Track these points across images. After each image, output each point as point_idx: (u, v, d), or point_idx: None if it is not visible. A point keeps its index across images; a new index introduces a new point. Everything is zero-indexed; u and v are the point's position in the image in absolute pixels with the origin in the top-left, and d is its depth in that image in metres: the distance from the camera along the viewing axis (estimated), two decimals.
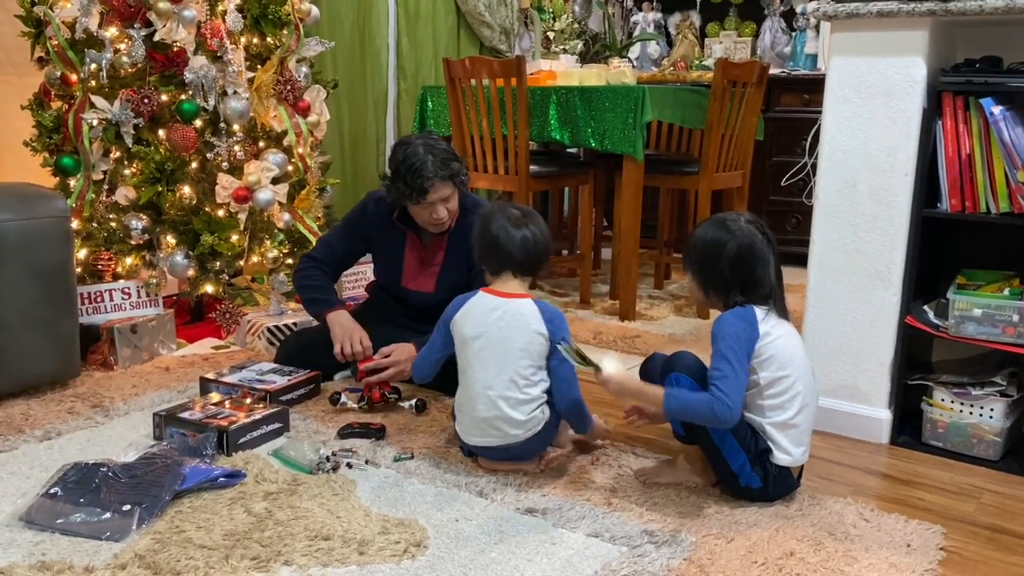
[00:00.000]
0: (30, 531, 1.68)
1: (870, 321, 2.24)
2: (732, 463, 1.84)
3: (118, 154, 2.93)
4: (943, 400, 2.18)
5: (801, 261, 2.36)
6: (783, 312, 1.87)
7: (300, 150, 3.18)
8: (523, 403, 1.91)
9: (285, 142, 3.17)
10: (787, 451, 1.84)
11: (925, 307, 2.24)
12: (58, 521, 1.69)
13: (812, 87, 4.48)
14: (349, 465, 2.00)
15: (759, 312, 1.82)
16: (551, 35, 5.19)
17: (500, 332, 1.93)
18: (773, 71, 4.58)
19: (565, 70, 3.96)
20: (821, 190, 2.28)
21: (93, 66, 2.84)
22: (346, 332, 2.40)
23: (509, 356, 1.91)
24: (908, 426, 2.27)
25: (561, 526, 1.75)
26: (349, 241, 2.59)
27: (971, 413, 2.14)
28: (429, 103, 3.90)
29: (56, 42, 2.85)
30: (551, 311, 1.96)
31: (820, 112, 2.28)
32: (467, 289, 2.10)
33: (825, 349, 2.31)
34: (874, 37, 2.14)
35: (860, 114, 2.19)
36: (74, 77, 2.89)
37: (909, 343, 2.22)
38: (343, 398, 2.35)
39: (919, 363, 2.33)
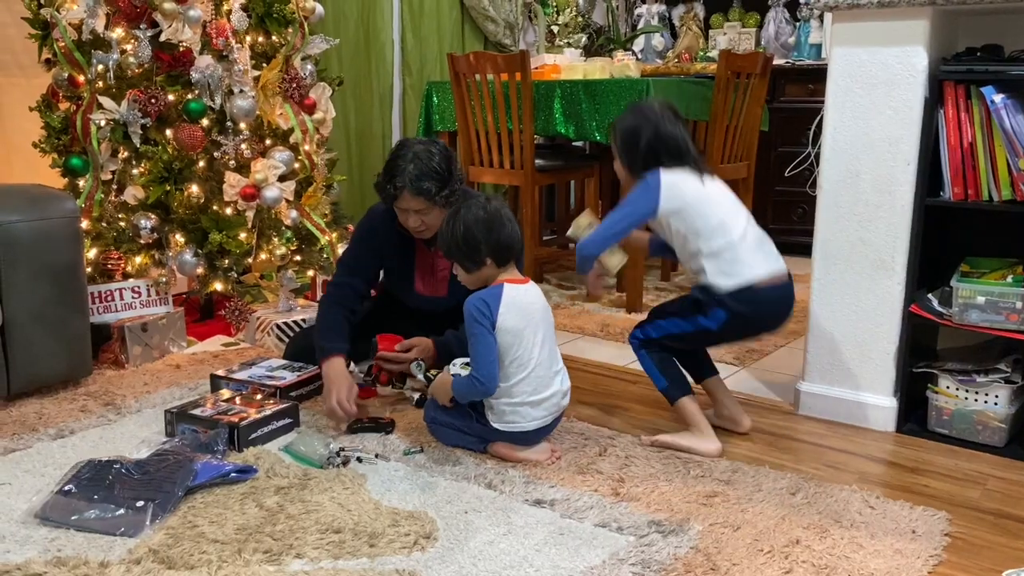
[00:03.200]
0: (45, 528, 1.71)
1: (874, 310, 2.25)
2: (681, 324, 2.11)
3: (126, 154, 2.95)
4: (948, 387, 2.18)
5: (808, 251, 2.37)
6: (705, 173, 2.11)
7: (306, 147, 3.20)
8: (564, 372, 2.10)
9: (291, 140, 3.19)
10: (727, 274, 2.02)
11: (929, 295, 2.25)
12: (73, 518, 1.72)
13: (817, 77, 4.47)
14: (359, 459, 2.02)
15: (664, 173, 2.07)
16: (555, 29, 5.19)
17: (540, 315, 2.05)
18: (777, 61, 4.57)
19: (569, 64, 3.97)
20: (824, 180, 2.29)
21: (100, 67, 2.87)
22: (332, 386, 2.24)
23: (550, 334, 2.07)
24: (914, 414, 2.28)
25: (569, 516, 1.77)
26: (365, 257, 2.50)
27: (976, 400, 2.14)
28: (434, 98, 3.92)
29: (63, 44, 2.87)
30: None
31: (824, 102, 2.29)
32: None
33: (829, 338, 2.32)
34: (875, 27, 2.14)
35: (862, 104, 2.19)
36: (81, 78, 2.92)
37: (914, 331, 2.23)
38: (352, 366, 2.36)
39: (924, 351, 2.34)
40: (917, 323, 2.21)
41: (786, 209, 4.67)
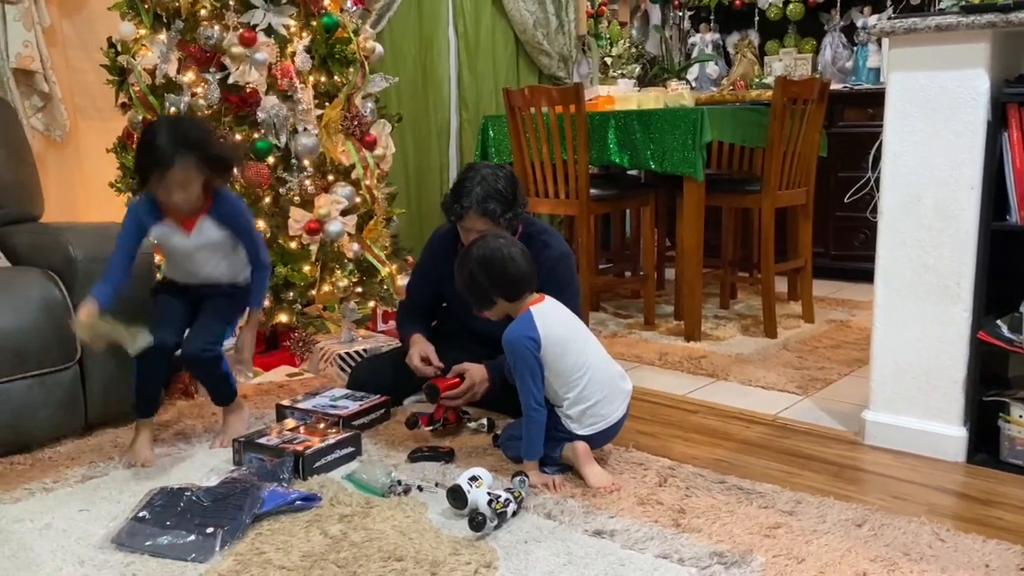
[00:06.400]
0: (121, 553, 1.77)
1: (940, 337, 2.20)
2: None
3: None
4: (1021, 417, 2.12)
5: (870, 277, 2.33)
6: None
7: (367, 182, 3.28)
8: (624, 374, 2.22)
9: (353, 175, 3.27)
10: None
11: (999, 321, 2.20)
12: (147, 543, 1.78)
13: (876, 101, 4.41)
14: (420, 488, 2.05)
15: None
16: (609, 60, 5.24)
17: (575, 322, 2.16)
18: (835, 86, 4.53)
19: (623, 94, 4.00)
20: (885, 206, 2.26)
21: (172, 109, 3.00)
22: (415, 347, 2.54)
23: (592, 336, 2.19)
24: (985, 444, 2.21)
25: (629, 547, 1.76)
26: (426, 283, 2.68)
27: None
28: (490, 132, 3.98)
29: (138, 88, 3.01)
30: None
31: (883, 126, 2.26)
32: None
33: (895, 365, 2.28)
34: (934, 51, 2.12)
35: (922, 128, 2.17)
36: None
37: (983, 359, 2.17)
38: (419, 423, 2.38)
39: (994, 379, 2.27)
40: (986, 350, 2.15)
41: (847, 235, 4.60)
